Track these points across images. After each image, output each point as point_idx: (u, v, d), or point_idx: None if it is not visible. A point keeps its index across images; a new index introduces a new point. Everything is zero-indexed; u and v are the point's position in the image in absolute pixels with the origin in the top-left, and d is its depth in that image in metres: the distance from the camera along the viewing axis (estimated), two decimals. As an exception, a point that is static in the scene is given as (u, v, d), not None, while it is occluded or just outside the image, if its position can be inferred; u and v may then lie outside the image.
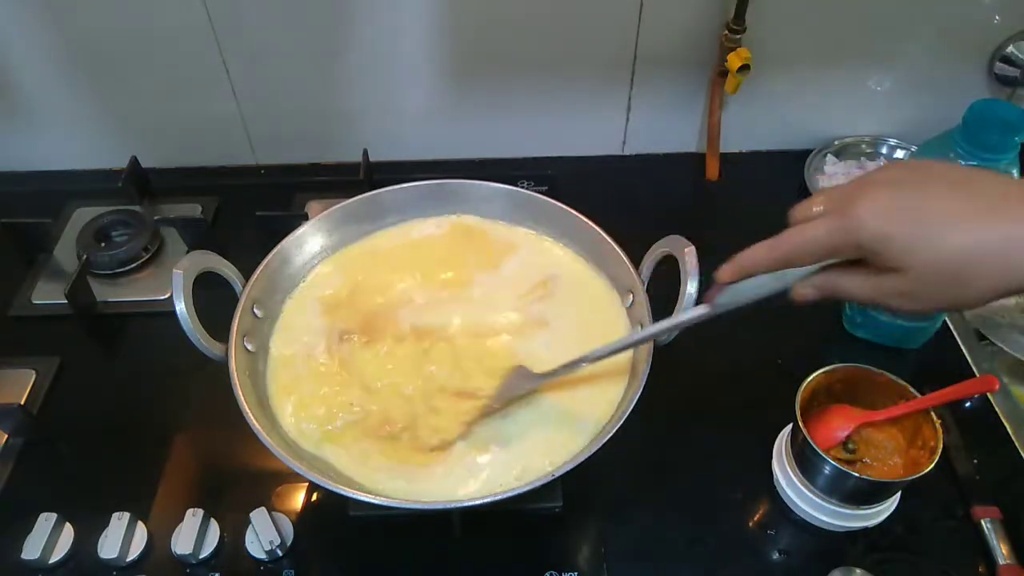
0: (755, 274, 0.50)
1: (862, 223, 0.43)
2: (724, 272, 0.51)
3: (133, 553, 0.68)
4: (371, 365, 0.69)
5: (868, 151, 1.08)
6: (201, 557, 0.68)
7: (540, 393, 0.67)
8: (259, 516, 0.68)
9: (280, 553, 0.68)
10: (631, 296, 0.70)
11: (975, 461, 0.75)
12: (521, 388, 0.65)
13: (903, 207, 0.43)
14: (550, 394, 0.67)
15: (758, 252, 0.49)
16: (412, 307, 0.74)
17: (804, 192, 1.02)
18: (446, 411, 0.66)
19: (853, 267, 0.47)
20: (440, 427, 0.64)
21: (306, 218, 0.76)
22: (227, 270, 0.68)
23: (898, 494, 0.69)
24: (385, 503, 0.57)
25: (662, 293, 0.67)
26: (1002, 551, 0.68)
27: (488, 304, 0.74)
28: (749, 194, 1.04)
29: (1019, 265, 0.40)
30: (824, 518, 0.69)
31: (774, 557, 0.70)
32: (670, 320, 0.59)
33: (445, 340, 0.71)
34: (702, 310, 0.55)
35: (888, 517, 0.69)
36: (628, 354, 0.67)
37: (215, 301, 0.66)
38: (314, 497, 0.73)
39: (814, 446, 0.65)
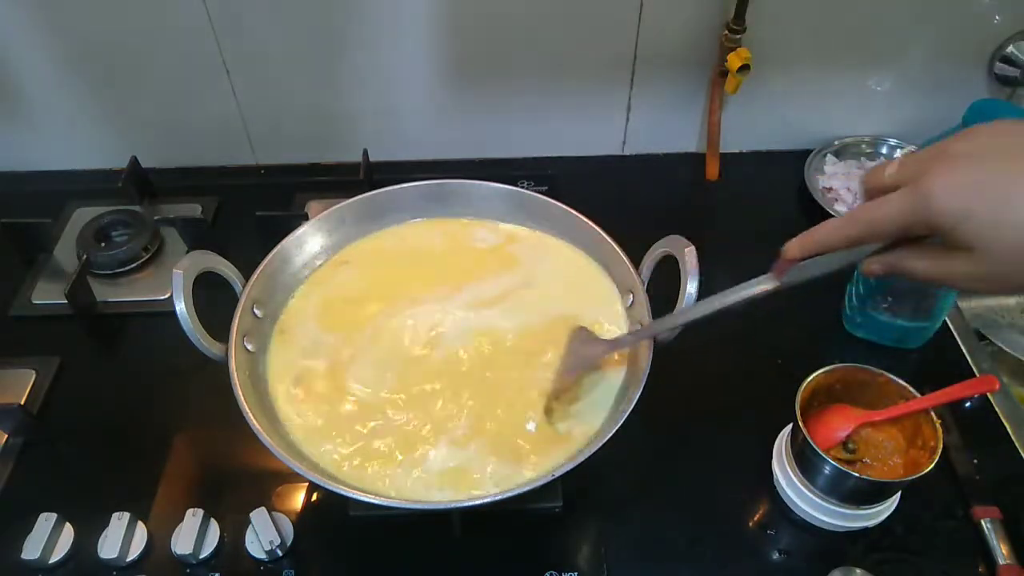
0: (824, 252, 0.48)
1: (936, 199, 0.41)
2: (793, 249, 0.49)
3: (133, 553, 0.68)
4: (372, 364, 0.69)
5: (868, 151, 1.08)
6: (201, 557, 0.68)
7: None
8: (259, 516, 0.68)
9: (280, 553, 0.68)
10: (631, 296, 0.70)
11: (975, 461, 0.75)
12: (589, 356, 0.65)
13: (985, 182, 0.40)
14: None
15: (829, 231, 0.47)
16: (413, 307, 0.74)
17: (804, 192, 1.02)
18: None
19: (923, 246, 0.45)
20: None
21: (306, 218, 0.76)
22: (227, 270, 0.68)
23: (898, 494, 0.69)
24: (385, 503, 0.57)
25: (662, 293, 0.67)
26: (1002, 551, 0.68)
27: (489, 303, 0.73)
28: (749, 194, 1.04)
29: None
30: (824, 518, 0.69)
31: (774, 557, 0.70)
32: (733, 293, 0.56)
33: (445, 338, 0.71)
34: (768, 284, 0.53)
35: (888, 517, 0.69)
36: (626, 353, 0.67)
37: (215, 301, 0.66)
38: (314, 497, 0.73)
39: (814, 446, 0.65)
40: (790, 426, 0.72)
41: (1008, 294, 0.42)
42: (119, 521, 0.68)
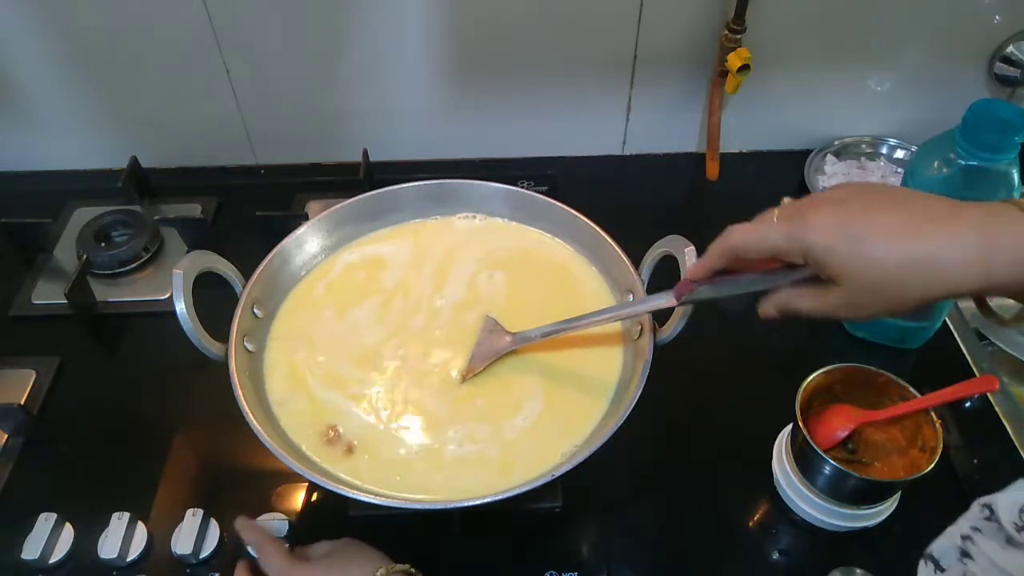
0: (717, 271, 0.54)
1: (809, 235, 0.47)
2: (692, 270, 0.56)
3: (133, 553, 0.68)
4: (372, 364, 0.69)
5: (868, 151, 1.08)
6: (201, 557, 0.68)
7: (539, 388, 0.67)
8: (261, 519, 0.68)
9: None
10: (631, 296, 0.70)
11: (975, 461, 0.75)
12: (495, 348, 0.68)
13: (845, 223, 0.46)
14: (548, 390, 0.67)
15: (715, 250, 0.53)
16: (412, 306, 0.74)
17: (804, 192, 1.02)
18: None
19: (804, 287, 0.50)
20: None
21: (306, 218, 0.76)
22: (227, 270, 0.68)
23: (898, 494, 0.69)
24: (385, 503, 0.57)
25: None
26: (1002, 551, 0.68)
27: (489, 303, 0.74)
28: (749, 194, 1.04)
29: (942, 279, 0.44)
30: (824, 518, 0.69)
31: (774, 557, 0.70)
32: (637, 305, 0.64)
33: (444, 337, 0.71)
34: (665, 301, 0.59)
35: (888, 517, 0.69)
36: (625, 352, 0.67)
37: (215, 301, 0.66)
38: (314, 497, 0.73)
39: (814, 446, 0.65)
40: (790, 426, 0.72)
41: (884, 317, 0.47)
42: (119, 521, 0.68)
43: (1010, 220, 0.43)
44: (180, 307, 0.62)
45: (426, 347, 0.70)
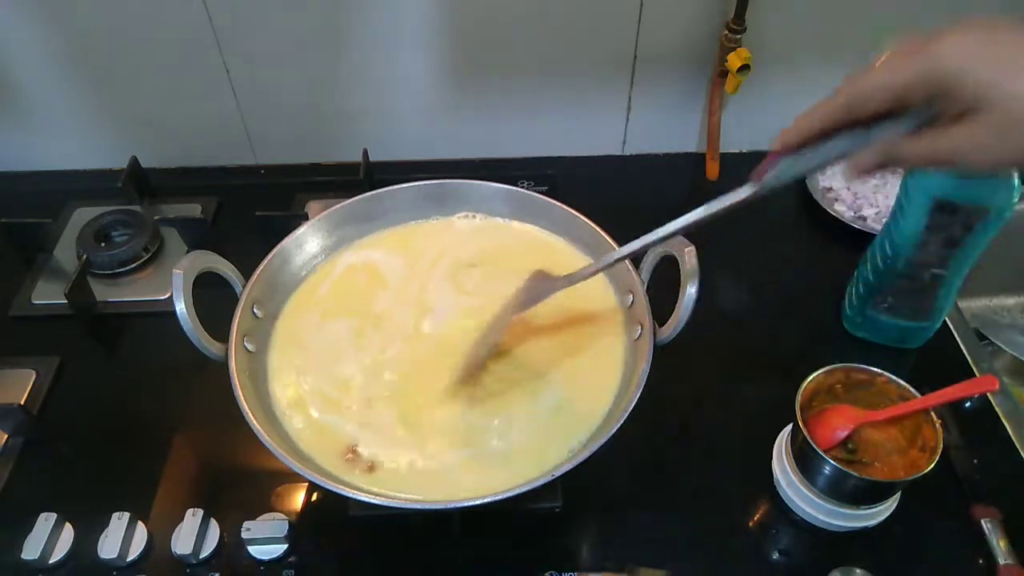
0: (821, 133, 0.47)
1: (943, 54, 0.41)
2: (789, 134, 0.48)
3: (133, 553, 0.68)
4: (372, 364, 0.69)
5: (868, 151, 1.08)
6: (201, 557, 0.68)
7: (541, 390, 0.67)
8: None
9: (280, 553, 0.68)
10: (631, 296, 0.70)
11: (975, 461, 0.75)
12: (545, 289, 0.65)
13: (983, 42, 0.41)
14: (549, 391, 0.67)
15: (821, 105, 0.46)
16: (411, 306, 0.74)
17: (804, 192, 1.02)
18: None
19: (914, 131, 0.44)
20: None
21: (306, 218, 0.76)
22: (227, 270, 0.68)
23: (898, 494, 0.69)
24: (385, 503, 0.57)
25: (662, 293, 0.67)
26: (1002, 551, 0.68)
27: (486, 304, 0.73)
28: (749, 194, 1.04)
29: None
30: (824, 518, 0.69)
31: (774, 557, 0.70)
32: (710, 205, 0.55)
33: (443, 338, 0.71)
34: (747, 191, 0.51)
35: (888, 517, 0.69)
36: (625, 352, 0.67)
37: (215, 301, 0.66)
38: (314, 497, 0.73)
39: (814, 446, 0.65)
40: (790, 426, 0.72)
41: (1006, 167, 0.41)
42: (119, 521, 0.68)
43: None
44: (180, 307, 0.62)
45: (427, 350, 0.70)
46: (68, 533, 0.69)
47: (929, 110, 0.43)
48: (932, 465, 0.63)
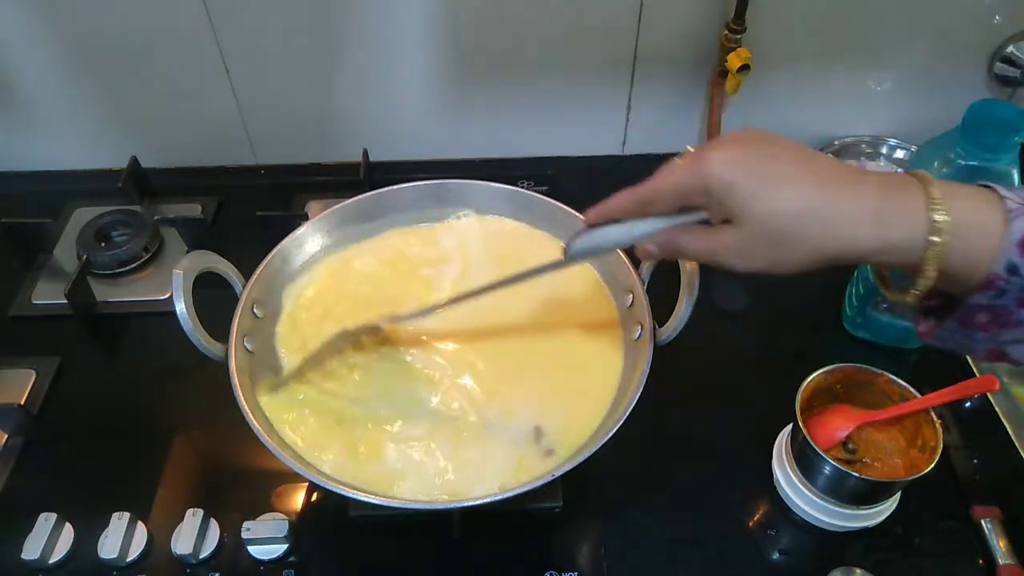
0: (616, 218, 0.52)
1: (712, 168, 0.46)
2: (589, 213, 0.54)
3: (133, 553, 0.68)
4: (370, 366, 0.69)
5: (868, 151, 1.08)
6: (201, 557, 0.68)
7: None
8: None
9: (280, 553, 0.68)
10: (631, 296, 0.70)
11: (975, 461, 0.75)
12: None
13: (750, 161, 0.46)
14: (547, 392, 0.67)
15: (620, 196, 0.51)
16: (411, 307, 0.73)
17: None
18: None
19: (693, 227, 0.50)
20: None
21: (306, 218, 0.76)
22: (227, 270, 0.68)
23: (898, 494, 0.69)
24: (385, 503, 0.57)
25: (662, 293, 0.67)
26: (1002, 551, 0.68)
27: (486, 304, 0.73)
28: (749, 194, 1.04)
29: (838, 234, 0.44)
30: (824, 518, 0.69)
31: (774, 557, 0.70)
32: (528, 270, 0.60)
33: (442, 339, 0.71)
34: (559, 258, 0.56)
35: (888, 517, 0.69)
36: (625, 352, 0.68)
37: (215, 301, 0.66)
38: (314, 497, 0.73)
39: (814, 446, 0.65)
40: (790, 426, 0.72)
41: (765, 272, 0.46)
42: (119, 521, 0.68)
43: (908, 186, 0.43)
44: (180, 307, 0.62)
45: (428, 353, 0.70)
46: (68, 533, 0.69)
47: (701, 213, 0.49)
48: (932, 465, 0.63)
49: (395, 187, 0.78)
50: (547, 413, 0.66)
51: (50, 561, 0.67)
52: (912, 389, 0.68)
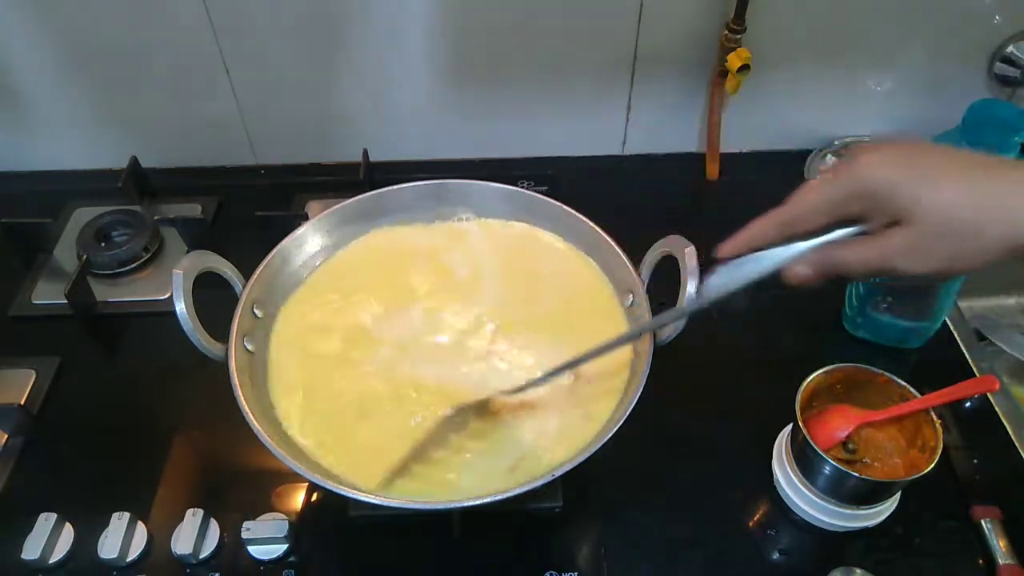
0: (757, 248, 0.49)
1: (870, 171, 0.44)
2: (724, 247, 0.50)
3: (133, 553, 0.68)
4: (370, 367, 0.69)
5: (868, 151, 1.08)
6: (201, 557, 0.68)
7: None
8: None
9: (280, 553, 0.68)
10: (631, 296, 0.70)
11: (975, 461, 0.75)
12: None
13: (905, 156, 0.44)
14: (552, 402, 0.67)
15: (759, 223, 0.48)
16: (411, 307, 0.74)
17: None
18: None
19: (852, 240, 0.46)
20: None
21: (306, 218, 0.76)
22: (227, 270, 0.68)
23: (898, 494, 0.69)
24: (385, 503, 0.57)
25: (662, 293, 0.67)
26: (1002, 551, 0.68)
27: (487, 304, 0.74)
28: (749, 194, 1.03)
29: (1019, 219, 0.41)
30: (824, 518, 0.69)
31: (774, 557, 0.70)
32: (661, 316, 0.59)
33: (443, 337, 0.71)
34: (691, 303, 0.54)
35: (888, 517, 0.69)
36: (627, 353, 0.67)
37: (215, 301, 0.66)
38: (314, 497, 0.73)
39: (814, 446, 0.65)
40: (790, 426, 0.72)
41: (951, 271, 0.43)
42: (119, 521, 0.68)
43: None
44: (180, 307, 0.62)
45: (429, 354, 0.70)
46: (68, 533, 0.69)
47: (861, 223, 0.45)
48: (932, 465, 0.63)
49: (395, 187, 0.78)
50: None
51: (50, 561, 0.67)
52: (912, 389, 0.68)
